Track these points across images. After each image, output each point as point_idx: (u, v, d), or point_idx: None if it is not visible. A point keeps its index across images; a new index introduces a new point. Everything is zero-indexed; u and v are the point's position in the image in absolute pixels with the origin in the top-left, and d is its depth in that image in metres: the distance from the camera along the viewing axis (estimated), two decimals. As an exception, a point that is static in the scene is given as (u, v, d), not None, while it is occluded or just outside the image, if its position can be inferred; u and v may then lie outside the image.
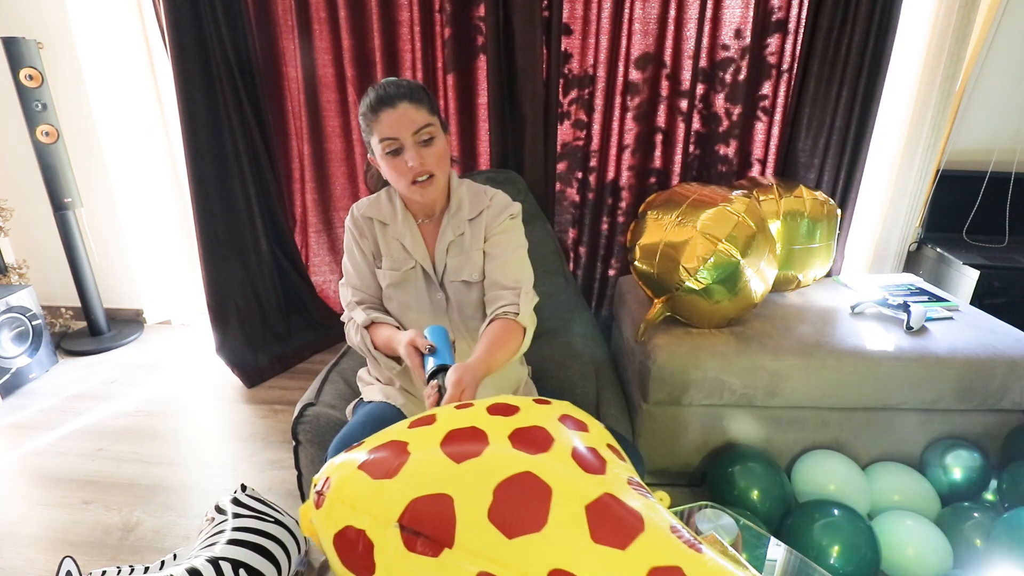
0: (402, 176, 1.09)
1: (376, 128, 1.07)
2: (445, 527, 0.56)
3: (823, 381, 1.46)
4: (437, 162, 1.10)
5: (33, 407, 2.02)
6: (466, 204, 1.22)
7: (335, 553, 0.61)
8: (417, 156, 1.07)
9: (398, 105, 1.06)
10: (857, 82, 1.85)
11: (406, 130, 1.06)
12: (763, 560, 0.96)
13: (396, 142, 1.06)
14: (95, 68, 2.25)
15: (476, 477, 0.60)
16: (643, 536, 0.55)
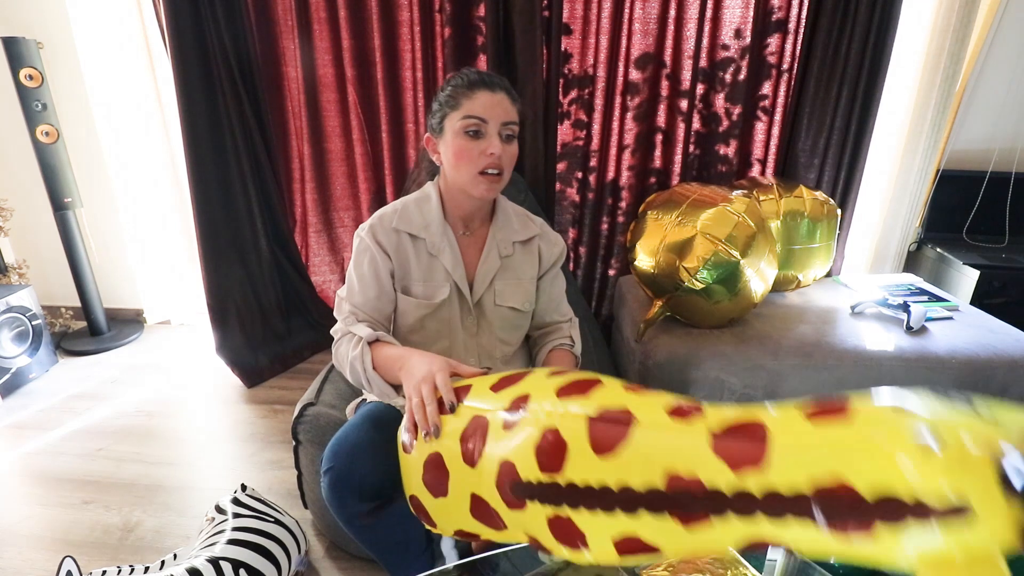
0: (473, 161, 1.02)
1: (466, 104, 1.01)
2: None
3: (823, 381, 1.46)
4: (510, 162, 1.05)
5: (33, 407, 2.02)
6: (514, 222, 1.17)
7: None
8: (499, 146, 1.01)
9: (498, 92, 1.03)
10: (857, 82, 1.85)
11: (498, 117, 1.01)
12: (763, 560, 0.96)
13: (483, 124, 1.01)
14: (95, 68, 2.25)
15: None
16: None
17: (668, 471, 0.57)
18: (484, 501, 0.73)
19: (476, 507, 0.75)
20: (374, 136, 2.16)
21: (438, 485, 0.79)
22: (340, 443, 1.05)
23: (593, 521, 0.62)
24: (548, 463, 0.65)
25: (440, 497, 0.79)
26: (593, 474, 0.61)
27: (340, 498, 1.01)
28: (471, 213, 1.12)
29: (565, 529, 0.65)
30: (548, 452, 0.65)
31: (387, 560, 1.12)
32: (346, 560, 1.37)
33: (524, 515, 0.69)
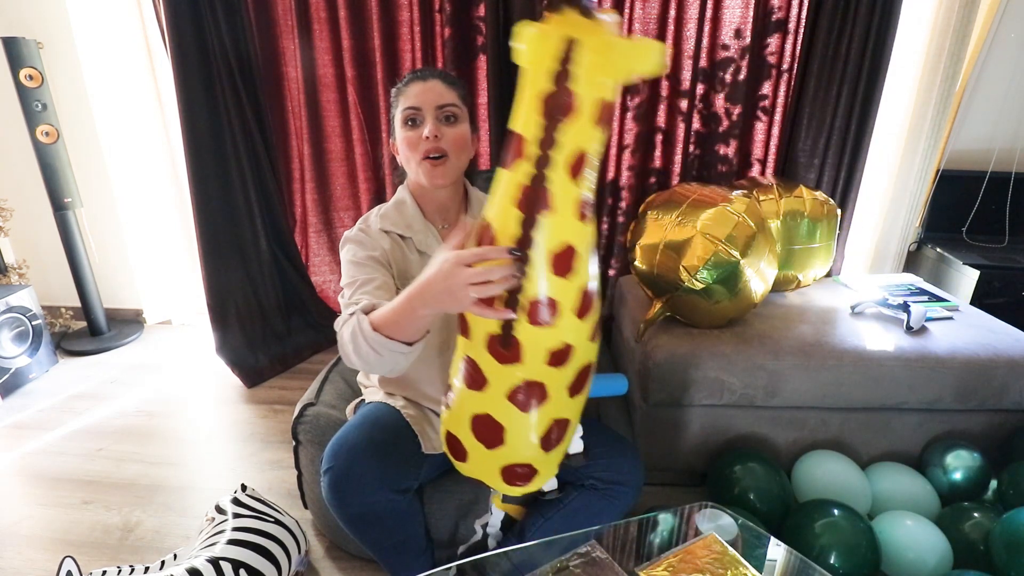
0: (415, 149, 1.06)
1: (402, 99, 1.06)
2: None
3: (823, 381, 1.46)
4: (454, 143, 1.07)
5: (33, 407, 2.02)
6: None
7: None
8: (435, 129, 1.04)
9: (429, 80, 1.06)
10: (857, 82, 1.85)
11: (430, 102, 1.05)
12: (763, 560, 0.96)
13: (418, 112, 1.05)
14: (95, 68, 2.25)
15: None
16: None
17: None
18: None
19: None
20: (374, 136, 2.16)
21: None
22: (340, 443, 1.05)
23: None
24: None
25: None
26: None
27: (340, 498, 1.01)
28: (444, 205, 1.16)
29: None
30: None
31: (387, 560, 1.12)
32: (346, 560, 1.37)
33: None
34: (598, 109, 0.66)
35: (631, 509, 1.13)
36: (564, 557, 0.86)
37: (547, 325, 0.72)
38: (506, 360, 0.76)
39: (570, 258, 0.69)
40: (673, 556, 0.86)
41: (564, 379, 0.79)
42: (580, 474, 1.13)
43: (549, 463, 0.87)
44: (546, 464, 0.87)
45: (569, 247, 0.69)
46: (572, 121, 0.66)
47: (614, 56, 0.65)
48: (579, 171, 0.67)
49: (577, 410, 0.87)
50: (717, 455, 1.54)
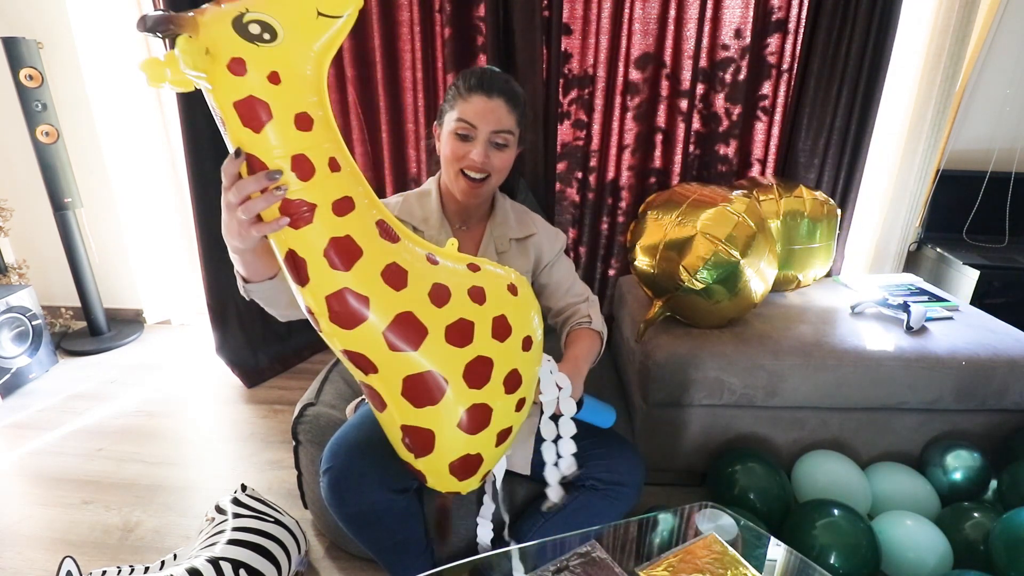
0: (456, 161, 1.04)
1: (460, 106, 1.03)
2: None
3: (823, 381, 1.46)
4: (499, 168, 1.07)
5: (33, 407, 2.02)
6: (512, 220, 1.19)
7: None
8: (484, 154, 1.03)
9: (495, 98, 1.03)
10: (857, 82, 1.85)
11: (488, 124, 1.03)
12: (763, 560, 0.96)
13: (472, 130, 1.03)
14: (95, 68, 2.25)
15: None
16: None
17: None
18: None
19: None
20: (374, 136, 2.16)
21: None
22: (339, 443, 1.05)
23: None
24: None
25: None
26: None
27: (339, 498, 1.01)
28: (467, 210, 1.15)
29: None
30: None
31: (387, 560, 1.12)
32: (346, 560, 1.37)
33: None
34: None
35: (631, 509, 1.13)
36: (564, 557, 0.86)
37: (306, 224, 0.69)
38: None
39: (305, 163, 0.67)
40: (673, 556, 0.86)
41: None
42: (580, 475, 1.13)
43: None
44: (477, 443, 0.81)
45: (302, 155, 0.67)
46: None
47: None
48: (277, 80, 0.64)
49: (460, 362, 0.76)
50: (717, 455, 1.54)
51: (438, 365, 0.74)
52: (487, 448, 0.82)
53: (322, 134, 0.68)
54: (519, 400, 0.84)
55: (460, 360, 0.75)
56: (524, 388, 0.84)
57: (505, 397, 0.80)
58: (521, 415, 0.86)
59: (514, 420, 0.85)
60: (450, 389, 0.75)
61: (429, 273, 0.75)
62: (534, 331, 0.86)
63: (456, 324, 0.75)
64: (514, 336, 0.81)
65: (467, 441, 0.79)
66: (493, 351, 0.78)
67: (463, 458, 0.80)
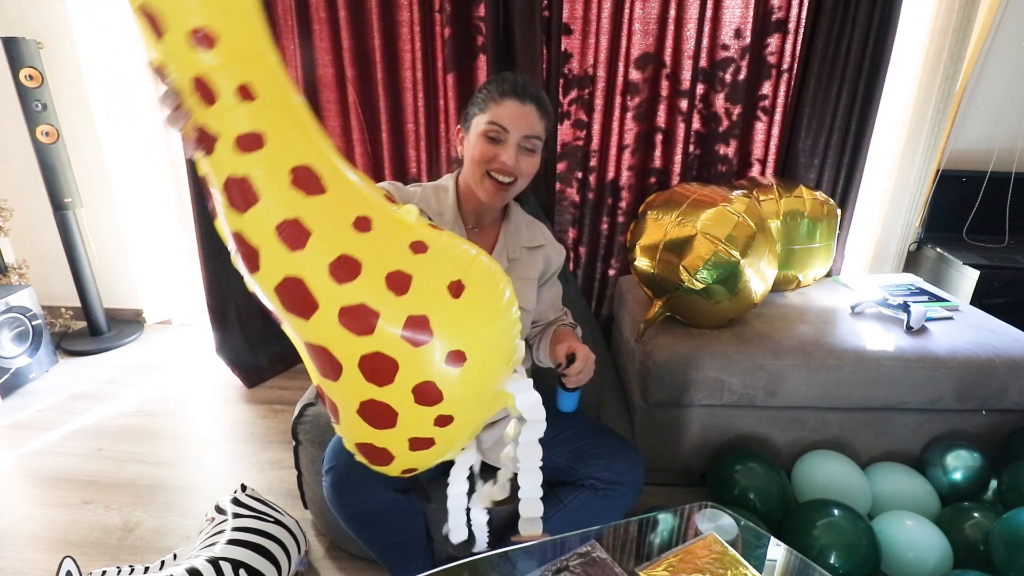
0: (484, 163, 1.05)
1: (492, 110, 1.04)
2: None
3: (823, 381, 1.46)
4: (526, 173, 1.07)
5: (33, 407, 2.02)
6: (524, 228, 1.21)
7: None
8: (514, 157, 1.04)
9: (527, 103, 1.04)
10: (857, 82, 1.85)
11: (520, 129, 1.04)
12: (763, 560, 0.96)
13: (504, 133, 1.04)
14: (95, 68, 2.25)
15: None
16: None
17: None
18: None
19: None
20: (374, 136, 2.16)
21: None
22: (341, 443, 1.05)
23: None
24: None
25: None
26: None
27: (342, 497, 1.01)
28: (482, 211, 1.15)
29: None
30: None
31: (387, 560, 1.13)
32: (346, 560, 1.37)
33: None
34: None
35: (631, 509, 1.13)
36: (564, 557, 0.86)
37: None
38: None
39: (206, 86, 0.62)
40: (673, 556, 0.86)
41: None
42: (580, 474, 1.14)
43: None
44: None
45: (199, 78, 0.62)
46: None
47: None
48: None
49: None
50: (717, 455, 1.54)
51: (329, 343, 0.67)
52: (397, 448, 0.74)
53: (231, 55, 0.61)
54: (439, 416, 0.71)
55: (354, 348, 0.66)
56: (449, 407, 0.70)
57: (415, 407, 0.69)
58: (452, 432, 0.73)
59: (436, 434, 0.72)
60: (344, 373, 0.67)
61: (341, 241, 0.65)
62: (472, 344, 0.69)
63: (354, 309, 0.64)
64: (435, 343, 0.66)
65: (369, 432, 0.72)
66: (399, 353, 0.66)
67: (367, 445, 0.75)
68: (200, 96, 0.61)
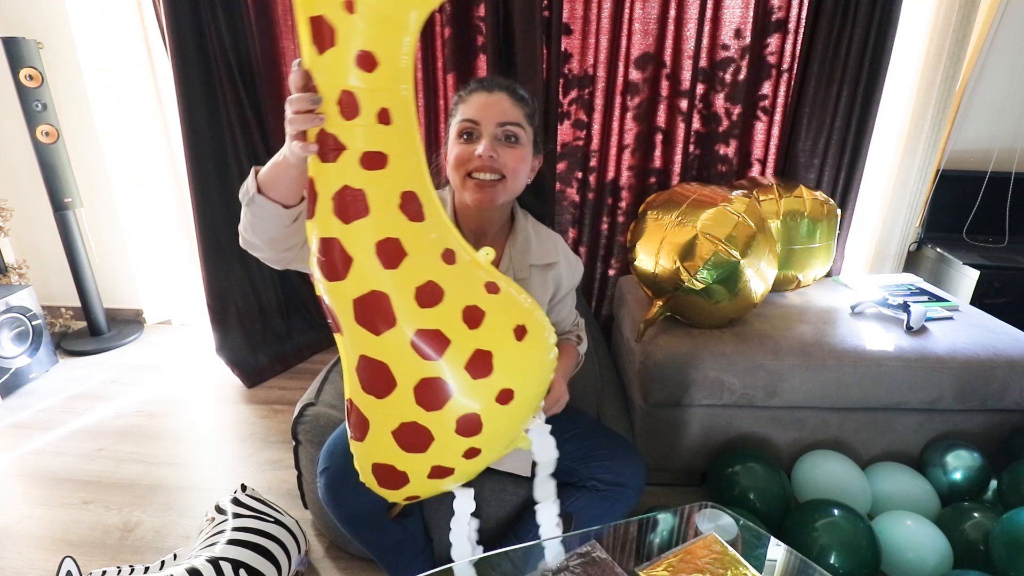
0: (462, 164, 0.97)
1: (462, 108, 0.99)
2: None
3: (823, 381, 1.46)
4: (512, 165, 0.97)
5: (33, 407, 2.02)
6: (534, 244, 1.11)
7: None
8: (490, 147, 0.95)
9: (496, 92, 0.98)
10: (857, 82, 1.85)
11: (491, 118, 0.95)
12: (763, 560, 0.96)
13: (475, 127, 0.96)
14: (95, 68, 2.25)
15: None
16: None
17: None
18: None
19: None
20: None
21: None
22: (336, 443, 1.05)
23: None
24: None
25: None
26: None
27: (337, 498, 1.01)
28: (481, 227, 1.08)
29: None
30: None
31: (385, 560, 1.12)
32: (346, 560, 1.37)
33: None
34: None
35: (632, 510, 1.13)
36: (564, 557, 0.86)
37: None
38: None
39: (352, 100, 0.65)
40: (673, 556, 0.86)
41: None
42: (581, 475, 1.14)
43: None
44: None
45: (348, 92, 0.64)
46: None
47: None
48: (351, 9, 0.61)
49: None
50: (717, 455, 1.54)
51: (392, 361, 0.69)
52: (416, 473, 0.76)
53: (383, 82, 0.65)
54: (470, 448, 0.75)
55: (416, 370, 0.69)
56: (482, 440, 0.74)
57: (453, 435, 0.72)
58: (470, 466, 0.77)
59: (459, 465, 0.76)
60: (396, 392, 0.70)
61: (430, 268, 0.69)
62: (522, 387, 0.75)
63: (429, 332, 0.68)
64: (492, 379, 0.71)
65: (397, 453, 0.74)
66: (456, 381, 0.70)
67: (387, 467, 0.75)
68: (342, 109, 0.64)
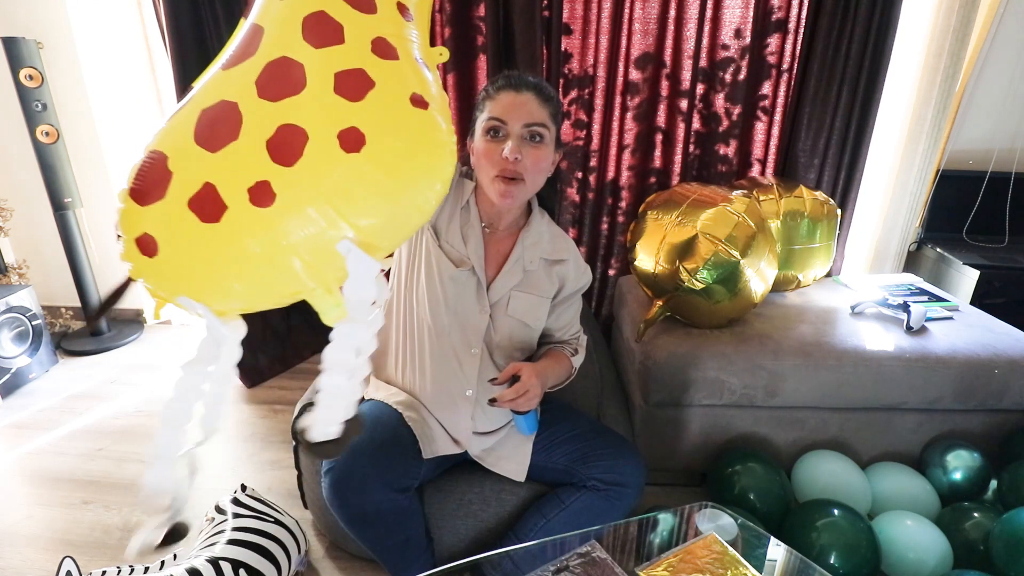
0: (491, 164, 1.01)
1: (489, 106, 1.02)
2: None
3: (823, 381, 1.46)
4: (534, 166, 1.02)
5: (33, 407, 2.02)
6: (546, 240, 1.15)
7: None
8: (516, 148, 0.99)
9: (523, 92, 1.01)
10: (857, 82, 1.85)
11: (518, 119, 0.99)
12: (763, 560, 0.96)
13: (502, 126, 1.00)
14: (95, 68, 2.25)
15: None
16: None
17: None
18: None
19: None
20: (374, 136, 2.16)
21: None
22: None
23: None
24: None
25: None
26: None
27: (342, 498, 1.01)
28: (496, 216, 1.12)
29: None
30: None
31: (388, 560, 1.13)
32: (346, 560, 1.37)
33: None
34: None
35: (632, 509, 1.13)
36: (564, 557, 0.86)
37: None
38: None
39: None
40: (673, 556, 0.86)
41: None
42: (581, 475, 1.14)
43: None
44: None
45: None
46: None
47: None
48: None
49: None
50: (717, 455, 1.54)
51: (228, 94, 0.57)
52: (233, 191, 0.55)
53: None
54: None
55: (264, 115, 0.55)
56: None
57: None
58: (279, 208, 0.55)
59: (274, 179, 0.54)
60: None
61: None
62: (375, 136, 0.55)
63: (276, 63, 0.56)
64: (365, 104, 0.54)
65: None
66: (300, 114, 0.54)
67: (210, 189, 0.56)
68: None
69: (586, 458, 1.14)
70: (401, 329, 1.18)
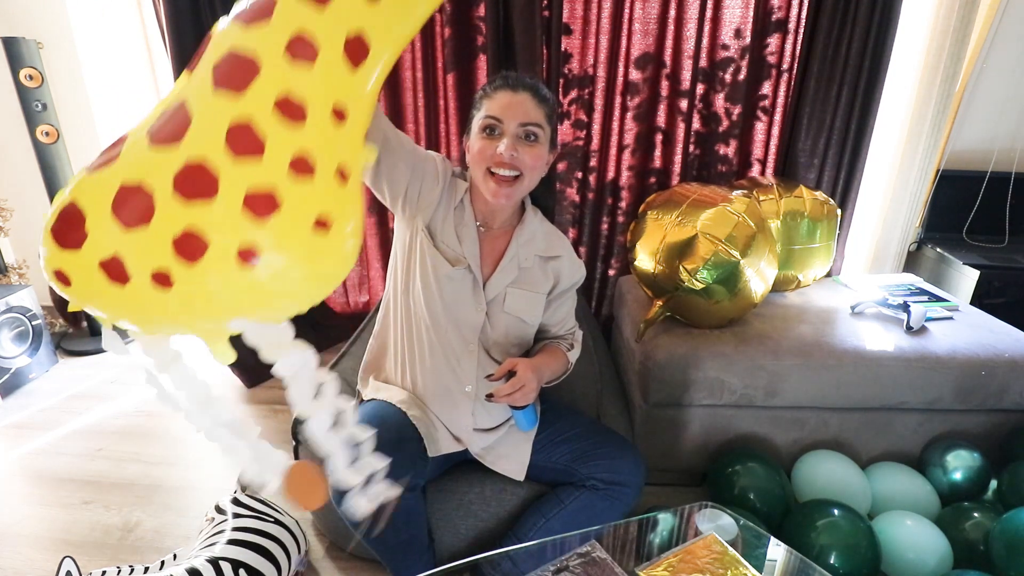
0: (484, 159, 1.02)
1: (487, 104, 1.04)
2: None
3: (823, 381, 1.46)
4: (530, 164, 1.03)
5: (33, 407, 2.02)
6: (540, 238, 1.17)
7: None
8: (511, 147, 1.00)
9: (520, 92, 1.03)
10: (857, 82, 1.85)
11: (514, 117, 1.01)
12: (763, 560, 0.96)
13: (498, 124, 1.02)
14: (95, 68, 2.25)
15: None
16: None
17: None
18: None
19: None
20: (374, 136, 2.16)
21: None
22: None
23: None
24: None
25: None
26: None
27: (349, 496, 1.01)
28: (490, 214, 1.13)
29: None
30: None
31: (391, 559, 1.13)
32: (346, 560, 1.37)
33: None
34: None
35: (631, 509, 1.13)
36: (564, 557, 0.86)
37: None
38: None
39: None
40: (673, 556, 0.86)
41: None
42: (581, 475, 1.14)
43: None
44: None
45: None
46: None
47: None
48: None
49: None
50: (717, 455, 1.54)
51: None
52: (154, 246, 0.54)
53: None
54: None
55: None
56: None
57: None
58: (185, 285, 0.55)
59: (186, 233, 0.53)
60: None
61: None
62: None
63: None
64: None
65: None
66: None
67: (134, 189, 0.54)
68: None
69: (586, 458, 1.14)
70: (400, 330, 1.18)
